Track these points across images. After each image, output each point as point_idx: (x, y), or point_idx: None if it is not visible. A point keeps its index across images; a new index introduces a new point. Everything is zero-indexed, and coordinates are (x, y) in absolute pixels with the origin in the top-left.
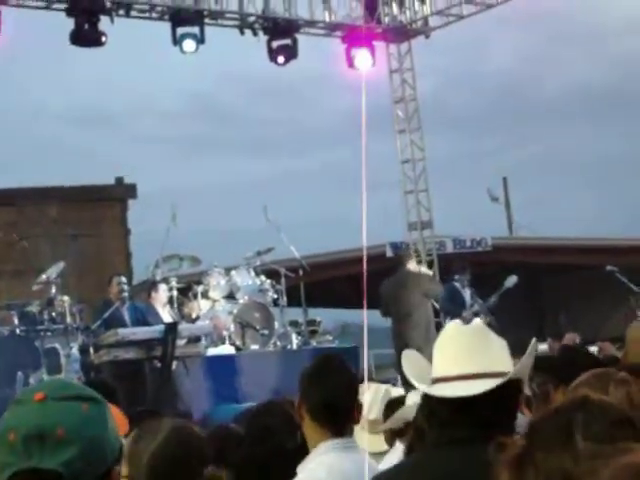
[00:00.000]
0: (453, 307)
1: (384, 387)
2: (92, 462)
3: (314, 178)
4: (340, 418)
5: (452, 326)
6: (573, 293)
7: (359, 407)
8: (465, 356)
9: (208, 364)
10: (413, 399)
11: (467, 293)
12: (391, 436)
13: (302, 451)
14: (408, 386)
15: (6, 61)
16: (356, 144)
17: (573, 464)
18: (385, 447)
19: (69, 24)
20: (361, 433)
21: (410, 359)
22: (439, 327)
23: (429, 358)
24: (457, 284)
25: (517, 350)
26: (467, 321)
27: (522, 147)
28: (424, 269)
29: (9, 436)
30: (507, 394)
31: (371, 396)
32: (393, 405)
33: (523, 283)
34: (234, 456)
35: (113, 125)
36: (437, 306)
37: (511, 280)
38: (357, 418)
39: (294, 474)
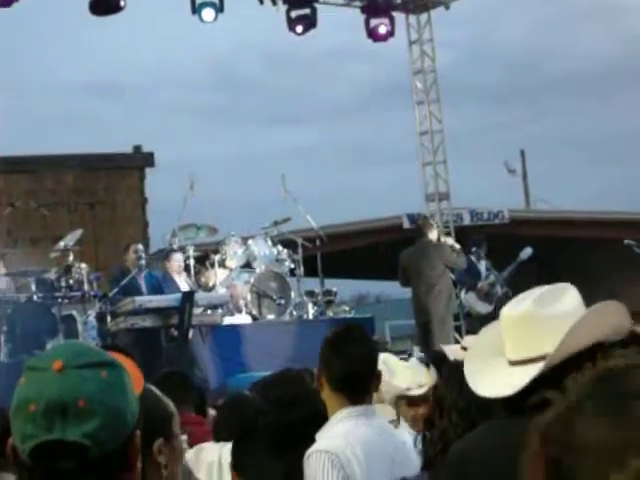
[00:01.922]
0: (468, 278)
1: (382, 356)
2: (115, 430)
3: (331, 149)
4: (360, 387)
5: (504, 311)
6: (591, 267)
7: (378, 376)
8: (515, 341)
9: (224, 333)
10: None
11: (482, 265)
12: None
13: (320, 419)
14: (429, 356)
15: (24, 32)
16: (374, 115)
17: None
18: (393, 416)
19: None
20: None
21: (488, 332)
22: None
23: (450, 329)
24: (472, 256)
25: None
26: (483, 292)
27: (541, 120)
28: (450, 240)
29: (29, 407)
30: (565, 367)
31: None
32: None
33: (540, 256)
34: (253, 425)
35: (132, 95)
36: (453, 277)
37: (526, 252)
38: (376, 386)
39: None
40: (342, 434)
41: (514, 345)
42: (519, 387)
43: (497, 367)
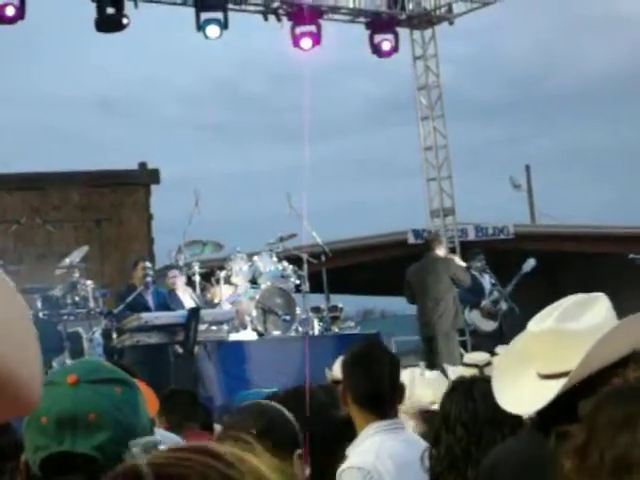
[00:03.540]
0: (471, 297)
1: (419, 370)
2: (124, 446)
3: (336, 165)
4: (384, 403)
5: (530, 326)
6: (596, 281)
7: (402, 389)
8: (543, 355)
9: (230, 349)
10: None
11: (486, 280)
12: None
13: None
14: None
15: (30, 47)
16: (379, 131)
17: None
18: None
19: (91, 9)
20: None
21: (517, 343)
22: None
23: (455, 345)
24: (474, 272)
25: None
26: (487, 310)
27: (546, 134)
28: (456, 258)
29: (41, 419)
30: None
31: (409, 377)
32: None
33: (545, 271)
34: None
35: (136, 111)
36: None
37: (529, 264)
38: (400, 399)
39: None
40: (371, 450)
41: (543, 359)
42: (543, 404)
43: (526, 380)
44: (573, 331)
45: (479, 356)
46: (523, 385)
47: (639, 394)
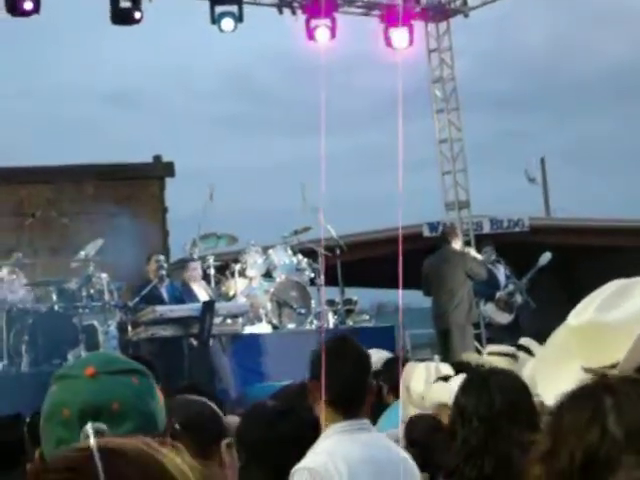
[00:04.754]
0: (486, 289)
1: (434, 365)
2: (148, 435)
3: (352, 158)
4: (352, 401)
5: (569, 318)
6: (612, 275)
7: (372, 390)
8: (585, 349)
9: (245, 342)
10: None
11: (500, 272)
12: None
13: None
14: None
15: (43, 40)
16: (393, 124)
17: (607, 454)
18: None
19: (106, 2)
20: (407, 407)
21: (558, 335)
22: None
23: (470, 338)
24: (491, 266)
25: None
26: (502, 302)
27: (561, 128)
28: (472, 251)
29: (63, 412)
30: None
31: (424, 373)
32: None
33: (560, 265)
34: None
35: (151, 104)
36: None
37: (545, 257)
38: (370, 400)
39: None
40: (325, 450)
41: (587, 353)
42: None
43: (571, 374)
44: (614, 321)
45: (503, 348)
46: (569, 380)
47: (594, 392)
